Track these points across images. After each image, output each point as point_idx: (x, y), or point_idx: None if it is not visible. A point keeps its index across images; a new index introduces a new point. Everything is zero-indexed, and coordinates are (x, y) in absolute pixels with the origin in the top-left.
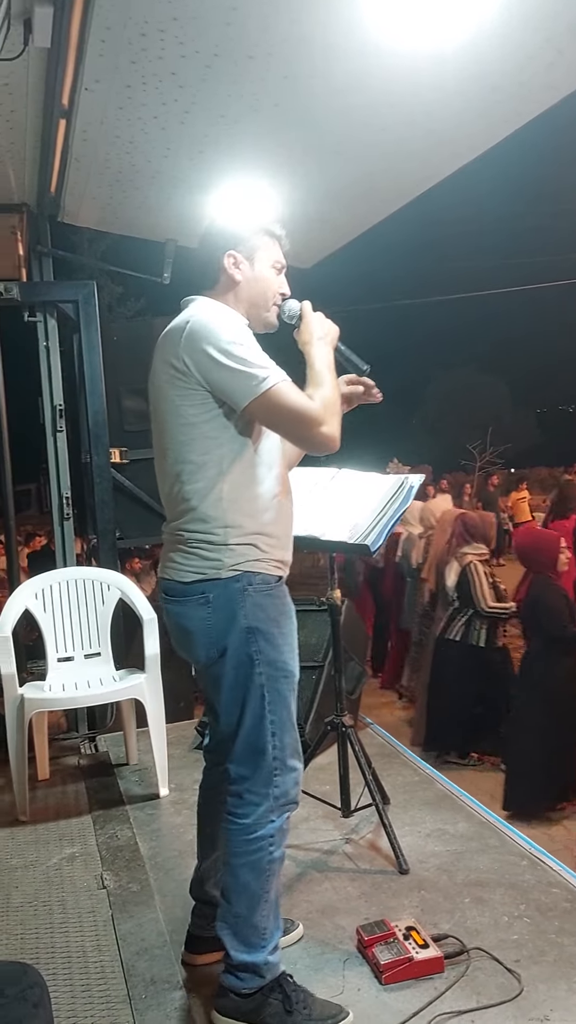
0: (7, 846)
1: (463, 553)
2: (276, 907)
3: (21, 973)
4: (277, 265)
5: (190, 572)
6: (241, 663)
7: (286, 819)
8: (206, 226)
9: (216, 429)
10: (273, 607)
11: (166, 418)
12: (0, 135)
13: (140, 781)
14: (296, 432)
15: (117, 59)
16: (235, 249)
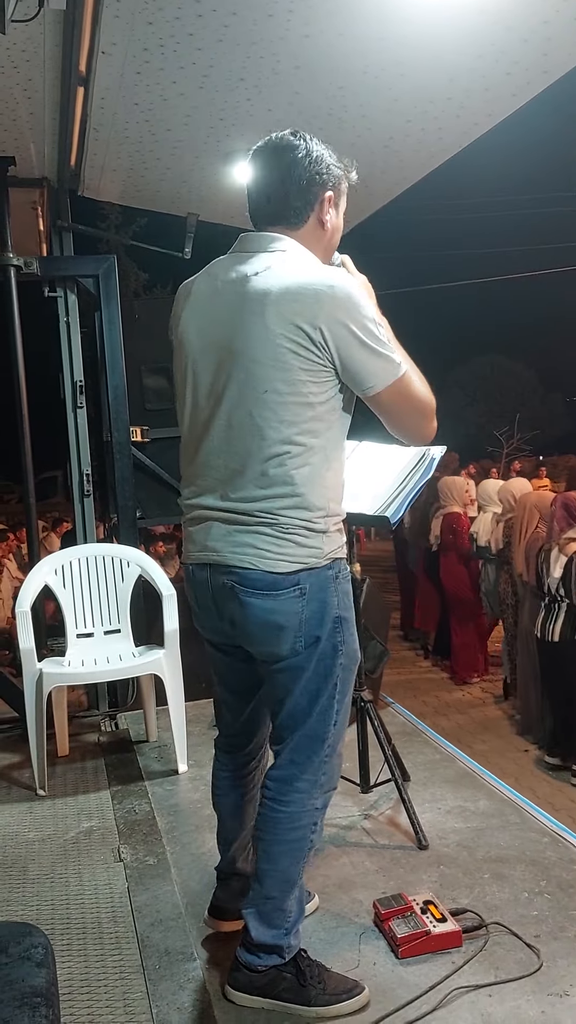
0: (25, 819)
1: (568, 539)
2: (303, 890)
3: (25, 933)
4: (343, 208)
5: (286, 561)
6: (326, 654)
7: (325, 808)
8: (295, 148)
9: (330, 412)
10: (346, 596)
11: (268, 386)
12: (19, 105)
13: (159, 757)
14: (413, 424)
15: (133, 19)
16: (333, 189)
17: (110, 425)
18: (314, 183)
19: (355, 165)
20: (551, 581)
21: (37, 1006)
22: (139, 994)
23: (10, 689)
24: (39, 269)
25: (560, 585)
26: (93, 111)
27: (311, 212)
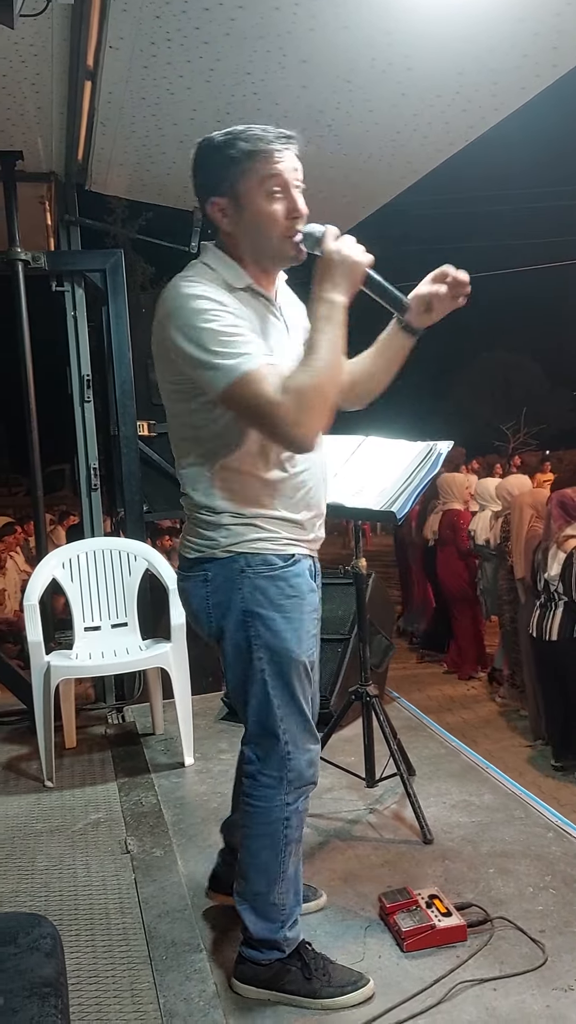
0: (33, 811)
1: (566, 537)
2: (296, 882)
3: (34, 923)
4: (271, 187)
5: (192, 548)
6: (240, 647)
7: (304, 800)
8: (192, 163)
9: (206, 415)
10: (275, 591)
11: (164, 396)
12: (27, 100)
13: (166, 750)
14: (263, 429)
15: (141, 13)
16: (215, 194)
17: (117, 419)
18: (200, 200)
19: (274, 124)
20: (549, 578)
21: (46, 996)
22: (146, 984)
23: (18, 681)
24: (47, 263)
25: (559, 582)
26: (100, 105)
27: (214, 224)
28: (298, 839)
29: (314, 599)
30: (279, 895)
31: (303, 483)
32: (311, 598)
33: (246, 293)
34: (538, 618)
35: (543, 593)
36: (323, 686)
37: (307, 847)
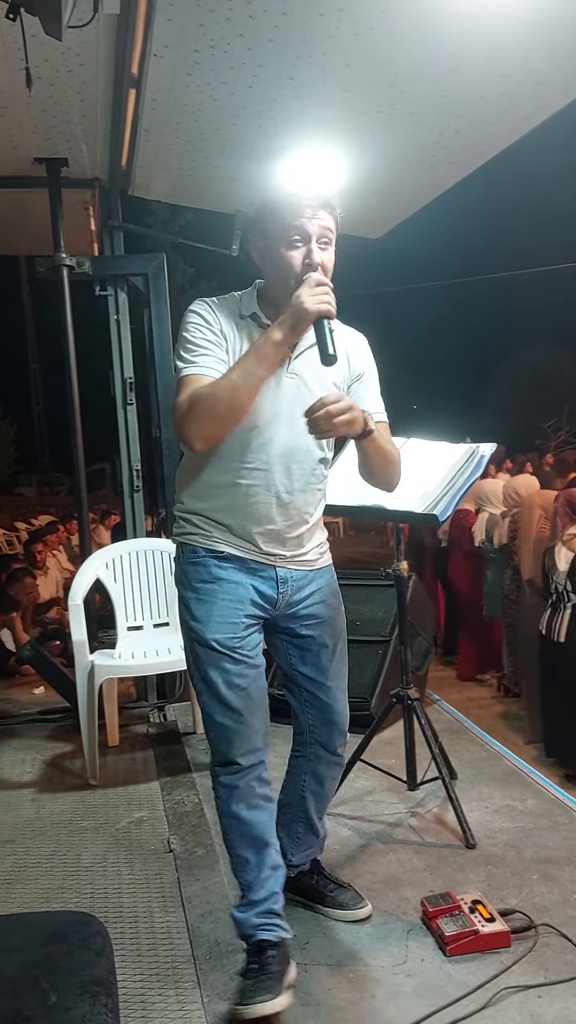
0: (78, 808)
1: (572, 535)
2: (257, 868)
3: (84, 923)
4: (291, 237)
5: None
6: (180, 623)
7: (234, 777)
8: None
9: None
10: (196, 574)
11: None
12: (72, 108)
13: (207, 750)
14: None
15: (185, 22)
16: (255, 237)
17: (159, 421)
18: (245, 242)
19: (296, 181)
20: (557, 577)
21: (97, 995)
22: (190, 983)
23: (62, 679)
24: (91, 269)
25: (567, 581)
26: (144, 112)
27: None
28: (234, 817)
29: (236, 590)
30: (238, 873)
31: (246, 499)
32: (230, 587)
33: (251, 320)
34: (547, 618)
35: (553, 593)
36: (363, 688)
37: (348, 849)
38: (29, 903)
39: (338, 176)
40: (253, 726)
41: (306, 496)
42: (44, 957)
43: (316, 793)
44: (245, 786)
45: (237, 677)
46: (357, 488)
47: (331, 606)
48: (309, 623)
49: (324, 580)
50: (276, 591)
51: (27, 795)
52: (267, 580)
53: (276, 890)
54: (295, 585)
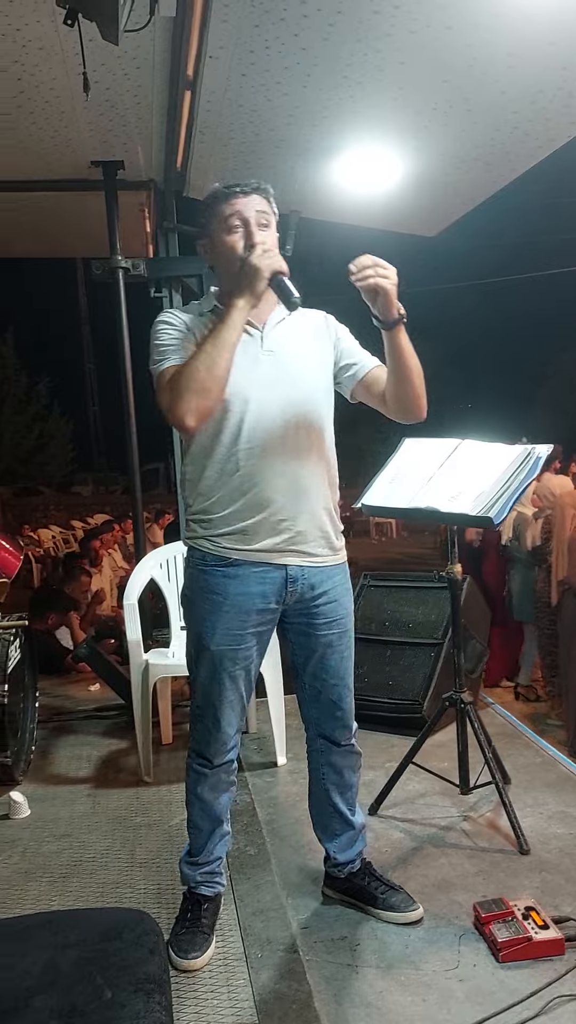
0: (132, 805)
1: None
2: (207, 837)
3: (138, 920)
4: (231, 223)
5: None
6: (184, 620)
7: (205, 770)
8: None
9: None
10: (204, 582)
11: None
12: (128, 111)
13: (259, 749)
14: (164, 417)
15: (240, 23)
16: (201, 237)
17: None
18: (197, 240)
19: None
20: None
21: (151, 992)
22: (242, 981)
23: (117, 677)
24: (146, 271)
25: None
26: (199, 114)
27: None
28: (199, 795)
29: (243, 602)
30: (189, 830)
31: (244, 487)
32: (238, 600)
33: (211, 314)
34: None
35: None
36: (415, 691)
37: (400, 852)
38: (85, 896)
39: (392, 174)
40: (228, 734)
41: (303, 471)
42: (99, 953)
43: (338, 784)
44: (213, 776)
45: (227, 689)
46: (410, 490)
47: (343, 605)
48: (318, 622)
49: (337, 579)
50: (285, 590)
51: (83, 790)
52: (275, 581)
53: (220, 855)
54: (305, 583)
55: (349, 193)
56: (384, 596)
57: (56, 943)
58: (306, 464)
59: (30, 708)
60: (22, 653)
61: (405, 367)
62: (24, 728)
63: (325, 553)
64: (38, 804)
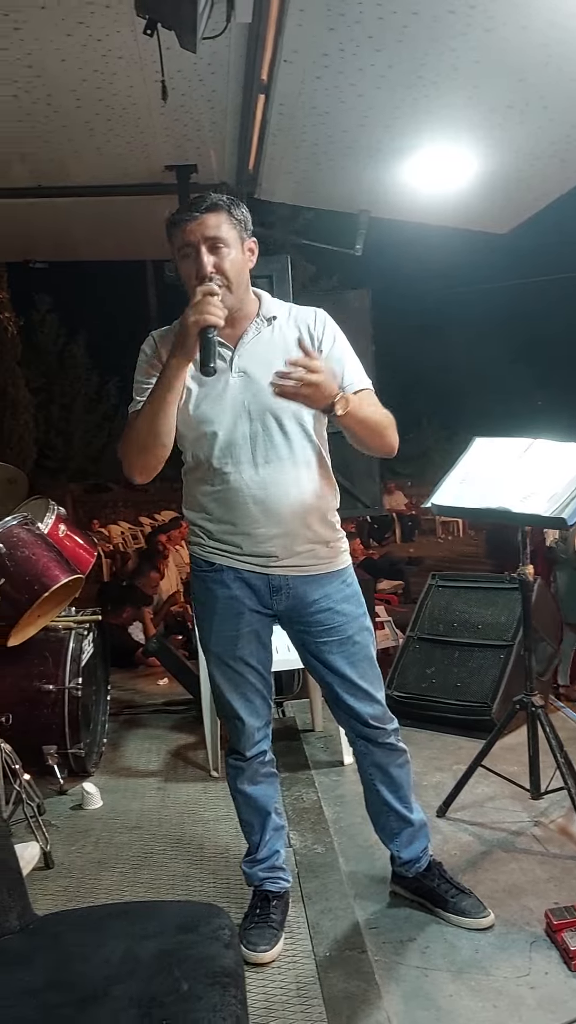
0: (200, 799)
1: None
2: (260, 831)
3: (214, 914)
4: (184, 251)
5: None
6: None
7: (240, 763)
8: None
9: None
10: (199, 587)
11: None
12: (202, 116)
13: (325, 748)
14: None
15: (315, 27)
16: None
17: None
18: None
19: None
20: None
21: (227, 986)
22: (311, 979)
23: (186, 673)
24: None
25: None
26: (272, 117)
27: None
28: (239, 790)
29: (232, 605)
30: (243, 829)
31: (224, 502)
32: (226, 603)
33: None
34: None
35: None
36: (484, 693)
37: (469, 855)
38: (156, 888)
39: (465, 172)
40: (253, 725)
41: (281, 489)
42: (176, 945)
43: (387, 783)
44: (248, 768)
45: (238, 684)
46: (481, 490)
47: (340, 612)
48: (314, 630)
49: (332, 587)
50: (270, 598)
51: (153, 783)
52: (259, 589)
53: (278, 848)
54: (291, 593)
55: (420, 192)
56: (452, 597)
57: (134, 933)
58: (283, 480)
59: (102, 701)
60: (95, 647)
61: (358, 440)
62: (96, 720)
63: (311, 563)
64: (109, 795)
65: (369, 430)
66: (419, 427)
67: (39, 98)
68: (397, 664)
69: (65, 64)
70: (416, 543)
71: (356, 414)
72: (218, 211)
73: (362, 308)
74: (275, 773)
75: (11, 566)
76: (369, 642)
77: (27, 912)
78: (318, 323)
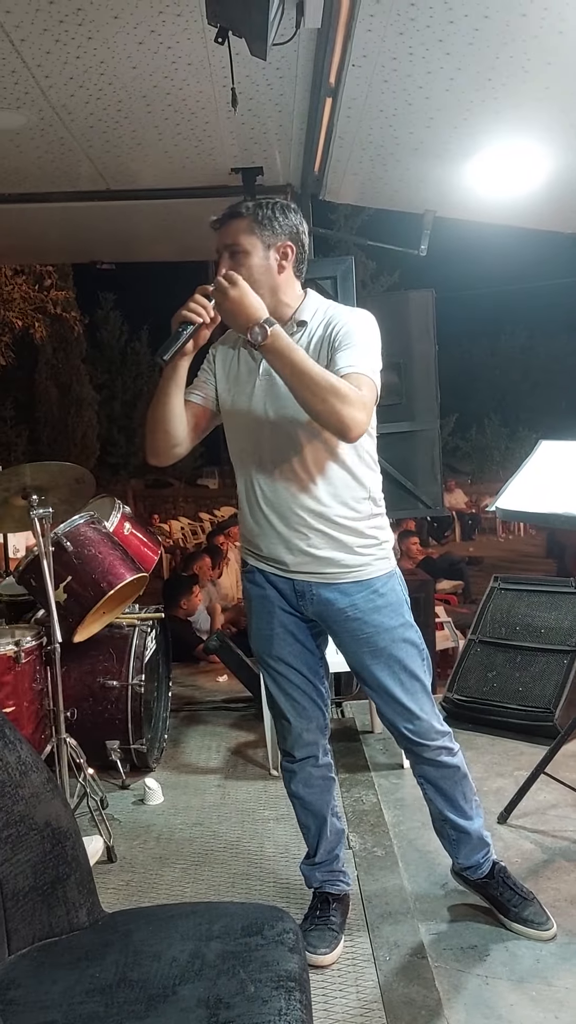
0: (260, 798)
1: None
2: (318, 834)
3: (279, 917)
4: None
5: None
6: None
7: (292, 765)
8: None
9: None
10: (244, 585)
11: None
12: (269, 119)
13: (384, 750)
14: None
15: (385, 32)
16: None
17: None
18: None
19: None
20: None
21: (292, 990)
22: (371, 983)
23: (246, 671)
24: None
25: None
26: (339, 120)
27: None
28: (294, 793)
29: (265, 604)
30: (302, 832)
31: (247, 503)
32: (260, 602)
33: (233, 349)
34: None
35: None
36: (546, 699)
37: (531, 863)
38: (217, 885)
39: (534, 172)
40: (299, 726)
41: (290, 494)
42: (242, 947)
43: (436, 792)
44: (301, 771)
45: (280, 683)
46: (546, 495)
47: (370, 624)
48: (347, 639)
49: (360, 596)
50: (297, 601)
51: (213, 780)
52: (285, 591)
53: (337, 852)
54: (316, 598)
55: (487, 192)
56: (515, 600)
57: (201, 934)
58: (293, 486)
59: (164, 697)
60: (157, 644)
61: (293, 393)
62: (158, 716)
63: (331, 570)
64: (170, 791)
65: (299, 381)
66: (479, 425)
67: (109, 104)
68: (458, 667)
69: (136, 71)
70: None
71: (281, 352)
72: (239, 219)
73: (426, 309)
74: (331, 778)
75: (78, 564)
76: (412, 655)
77: (96, 908)
78: (342, 320)
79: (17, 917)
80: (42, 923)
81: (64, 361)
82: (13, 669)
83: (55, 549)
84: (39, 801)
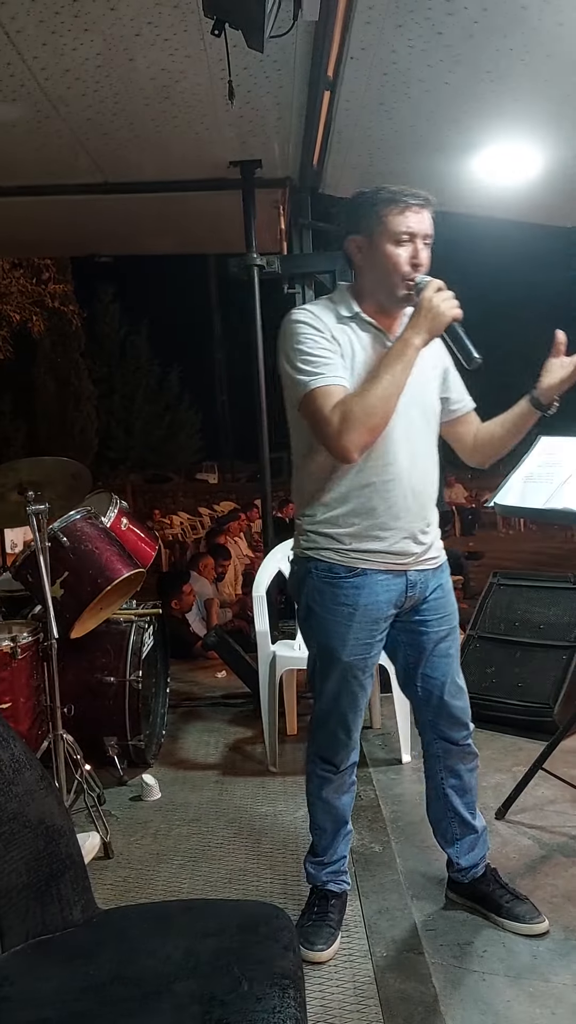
0: (258, 794)
1: None
2: (332, 837)
3: (274, 915)
4: (400, 236)
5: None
6: (304, 633)
7: (330, 775)
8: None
9: (297, 424)
10: (331, 595)
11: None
12: (268, 112)
13: (383, 745)
14: (319, 439)
15: (383, 24)
16: (356, 233)
17: None
18: (343, 236)
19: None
20: None
21: (286, 988)
22: (367, 979)
23: (245, 667)
24: (279, 267)
25: None
26: (338, 113)
27: (350, 260)
28: (316, 798)
29: (371, 612)
30: (313, 831)
31: (387, 494)
32: (368, 610)
33: (353, 322)
34: None
35: None
36: (545, 694)
37: (528, 860)
38: (213, 882)
39: (533, 166)
40: (356, 739)
41: (427, 485)
42: (237, 944)
43: (457, 788)
44: (338, 779)
45: (357, 697)
46: (546, 490)
47: (451, 602)
48: (431, 618)
49: (444, 576)
50: (405, 596)
51: (211, 776)
52: (397, 588)
53: (344, 853)
54: (422, 587)
55: (488, 186)
56: (514, 595)
57: (196, 931)
58: (429, 472)
59: (161, 693)
60: (155, 639)
61: (516, 439)
62: (156, 712)
63: (438, 554)
64: (168, 788)
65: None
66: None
67: (107, 96)
68: None
69: (133, 63)
70: (476, 537)
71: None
72: (433, 213)
73: None
74: (355, 781)
75: (74, 559)
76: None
77: (90, 905)
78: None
79: (11, 914)
80: (36, 920)
81: (62, 355)
82: (9, 665)
83: (51, 544)
84: (32, 798)
